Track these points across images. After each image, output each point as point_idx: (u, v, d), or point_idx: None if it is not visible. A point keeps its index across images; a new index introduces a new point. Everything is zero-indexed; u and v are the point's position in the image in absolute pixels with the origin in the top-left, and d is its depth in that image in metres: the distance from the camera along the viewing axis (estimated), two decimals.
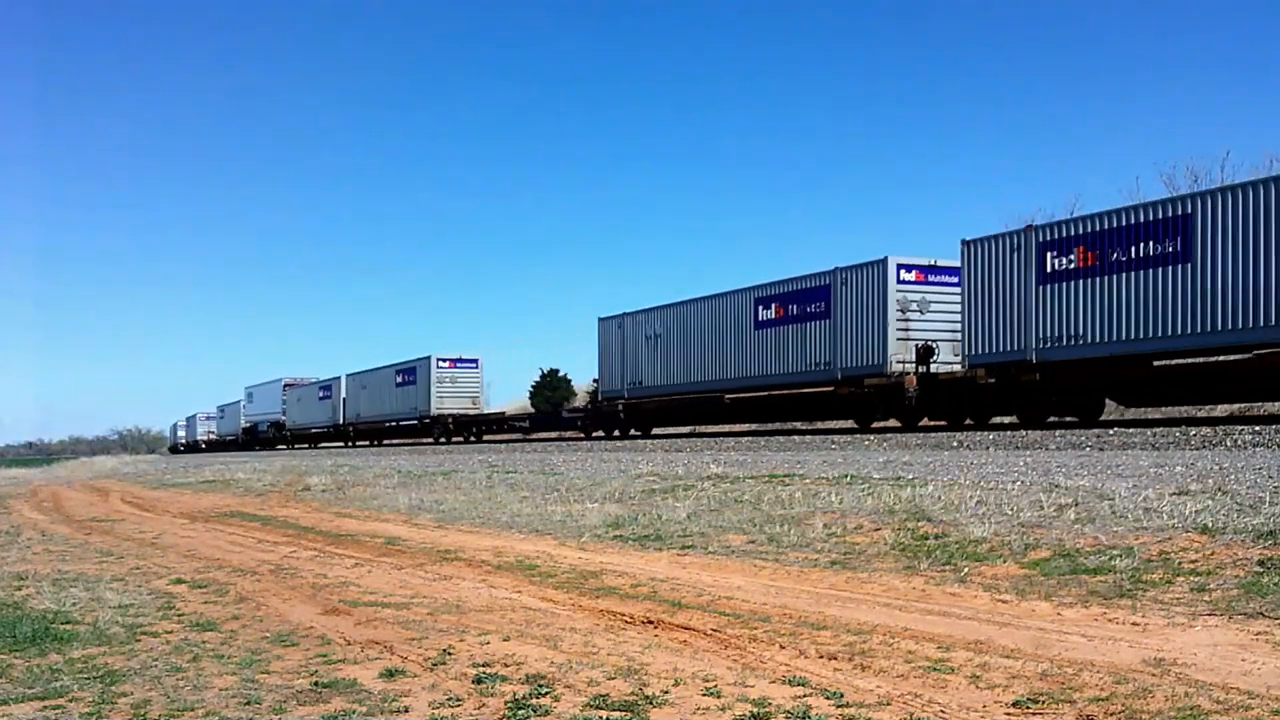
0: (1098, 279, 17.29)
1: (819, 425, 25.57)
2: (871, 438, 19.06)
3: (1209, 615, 5.80)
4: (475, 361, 41.75)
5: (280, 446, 52.55)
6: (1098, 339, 17.23)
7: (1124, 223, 17.00)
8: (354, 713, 4.67)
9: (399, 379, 43.43)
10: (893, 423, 21.76)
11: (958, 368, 20.09)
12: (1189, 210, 16.03)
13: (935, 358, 20.86)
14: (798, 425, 24.80)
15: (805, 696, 4.63)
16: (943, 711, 4.34)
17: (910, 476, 11.48)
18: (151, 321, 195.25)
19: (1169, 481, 9.30)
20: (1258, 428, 13.57)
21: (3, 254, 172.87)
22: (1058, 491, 9.33)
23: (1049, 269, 18.04)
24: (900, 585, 7.30)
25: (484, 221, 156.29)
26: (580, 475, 16.43)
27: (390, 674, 5.34)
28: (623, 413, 30.05)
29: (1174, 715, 4.16)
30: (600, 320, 31.28)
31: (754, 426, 26.82)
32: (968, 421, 20.06)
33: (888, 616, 6.31)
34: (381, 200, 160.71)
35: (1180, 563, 6.89)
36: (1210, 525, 7.46)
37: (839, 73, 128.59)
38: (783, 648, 5.60)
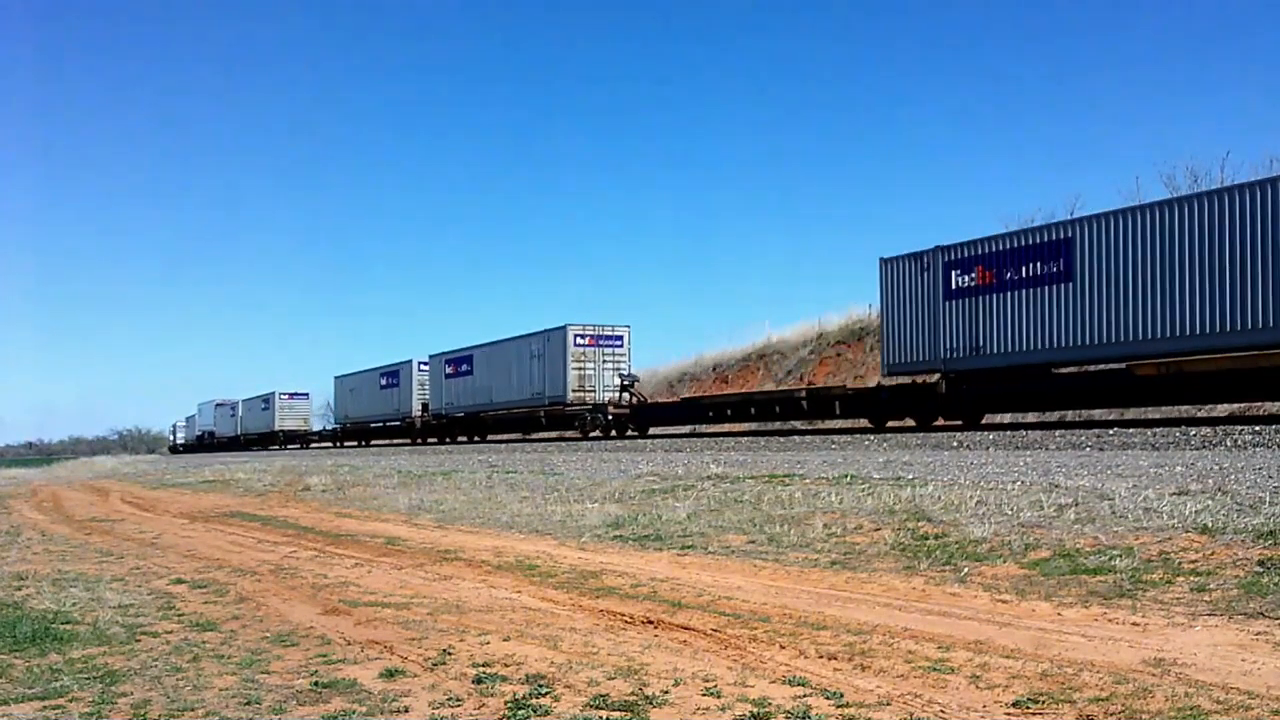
0: (461, 379, 38.48)
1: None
2: (872, 438, 19.10)
3: (1209, 615, 5.80)
4: (307, 394, 62.07)
5: (214, 450, 67.76)
6: (464, 404, 38.84)
7: (481, 343, 37.57)
8: (354, 713, 4.67)
9: (262, 405, 62.60)
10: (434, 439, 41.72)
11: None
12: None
13: (429, 408, 41.78)
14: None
15: (805, 696, 4.63)
16: (943, 711, 4.34)
17: (910, 477, 11.48)
18: (151, 321, 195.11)
19: (1169, 481, 9.30)
20: (1258, 428, 13.57)
21: (3, 254, 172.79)
22: (1058, 491, 9.33)
23: (448, 373, 39.25)
24: (900, 585, 7.30)
25: (489, 217, 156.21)
26: (580, 475, 16.43)
27: (390, 674, 5.34)
28: (339, 432, 53.00)
29: (1174, 715, 4.16)
30: (335, 378, 53.50)
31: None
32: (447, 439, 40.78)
33: (888, 616, 6.30)
34: (382, 201, 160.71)
35: (1180, 563, 6.89)
36: (1210, 525, 7.46)
37: (836, 71, 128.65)
38: (783, 648, 5.60)
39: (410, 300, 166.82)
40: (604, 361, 31.90)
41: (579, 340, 31.92)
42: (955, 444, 16.12)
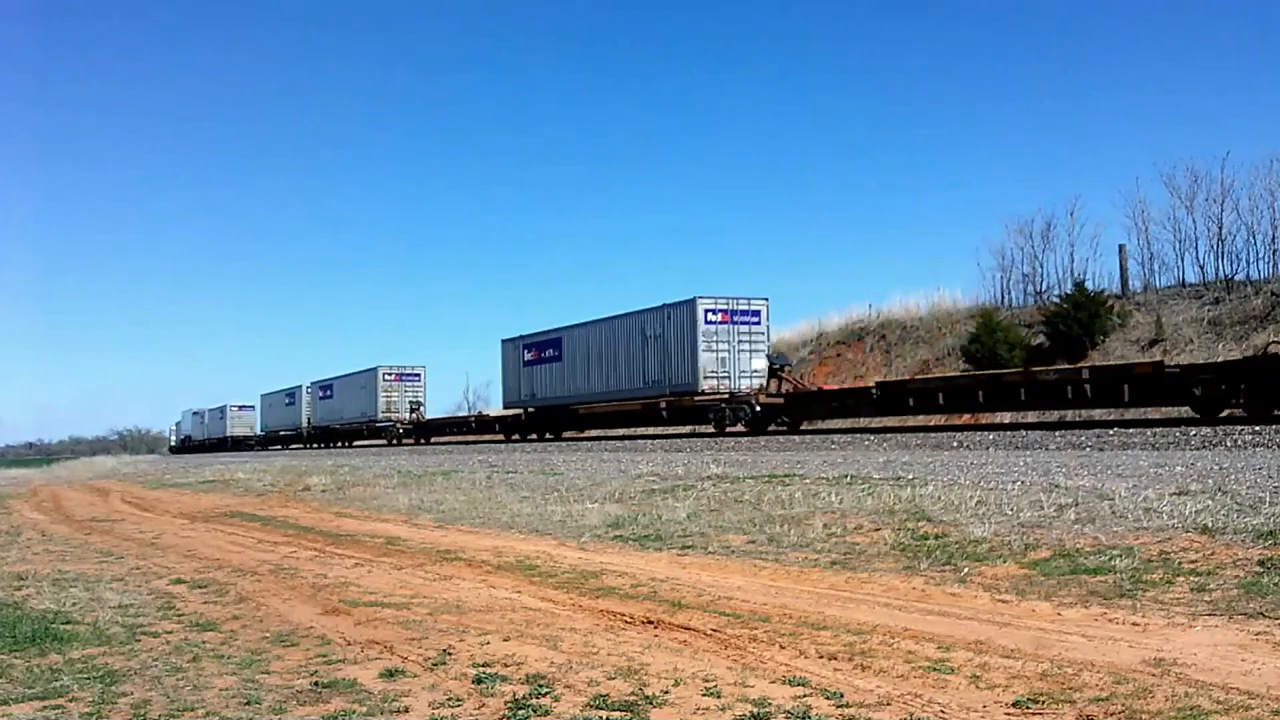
0: (327, 400, 54.44)
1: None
2: (871, 438, 19.13)
3: (1209, 615, 5.80)
4: (253, 406, 70.59)
5: (193, 452, 76.47)
6: (328, 419, 54.55)
7: (338, 375, 53.40)
8: (354, 713, 4.67)
9: (219, 415, 74.28)
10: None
11: None
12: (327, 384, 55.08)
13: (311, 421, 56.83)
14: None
15: (805, 696, 4.63)
16: (943, 711, 4.34)
17: (910, 476, 11.48)
18: (151, 321, 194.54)
19: (1169, 481, 9.30)
20: (1258, 428, 13.58)
21: (2, 254, 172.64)
22: (1058, 491, 9.33)
23: (320, 396, 55.30)
24: (900, 585, 7.30)
25: (489, 221, 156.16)
26: (580, 475, 16.43)
27: (390, 674, 5.34)
28: (264, 438, 64.64)
29: (1174, 715, 4.16)
30: (260, 395, 67.39)
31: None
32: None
33: (888, 616, 6.30)
34: (384, 200, 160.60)
35: (1180, 563, 6.89)
36: (1210, 525, 7.46)
37: (834, 71, 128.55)
38: (783, 648, 5.60)
39: (414, 300, 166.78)
40: (405, 392, 47.78)
41: (386, 377, 47.79)
42: (955, 444, 16.13)
